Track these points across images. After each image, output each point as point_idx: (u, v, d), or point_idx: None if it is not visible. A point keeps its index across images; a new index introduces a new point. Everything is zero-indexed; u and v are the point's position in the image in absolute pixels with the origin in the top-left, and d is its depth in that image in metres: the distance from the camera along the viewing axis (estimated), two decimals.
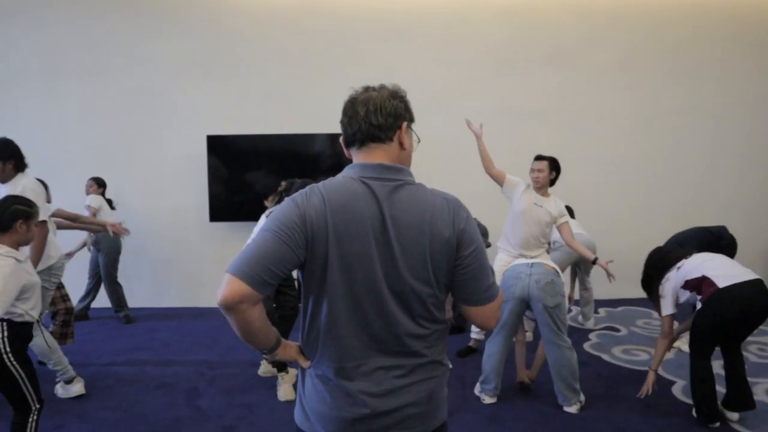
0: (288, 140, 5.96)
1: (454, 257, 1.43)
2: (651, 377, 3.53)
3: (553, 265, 3.70)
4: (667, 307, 3.44)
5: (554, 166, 4.19)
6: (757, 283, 3.20)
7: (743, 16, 6.19)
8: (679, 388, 3.89)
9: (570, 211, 4.31)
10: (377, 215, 1.39)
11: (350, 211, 1.38)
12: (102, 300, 5.86)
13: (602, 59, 6.18)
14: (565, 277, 5.03)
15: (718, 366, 4.19)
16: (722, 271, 3.24)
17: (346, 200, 1.39)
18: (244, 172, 6.01)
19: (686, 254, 3.52)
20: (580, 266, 5.18)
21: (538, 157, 4.24)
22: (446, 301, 1.52)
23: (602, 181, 6.27)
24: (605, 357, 4.52)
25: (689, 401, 3.64)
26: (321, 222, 1.37)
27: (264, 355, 1.60)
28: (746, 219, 6.09)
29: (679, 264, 3.46)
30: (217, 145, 5.96)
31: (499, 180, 4.19)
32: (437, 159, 6.11)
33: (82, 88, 6.17)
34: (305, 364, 1.51)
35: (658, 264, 3.60)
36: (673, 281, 3.43)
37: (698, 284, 3.28)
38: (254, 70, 6.15)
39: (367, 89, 1.52)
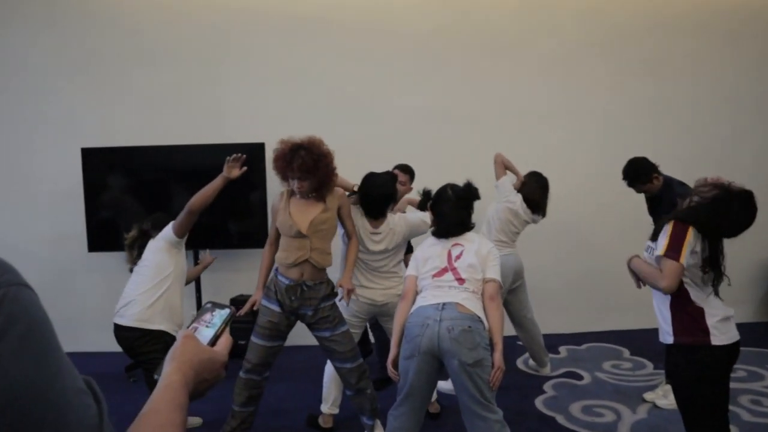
0: (179, 152, 4.87)
1: None
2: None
3: (470, 307, 2.60)
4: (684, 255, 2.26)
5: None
6: None
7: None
8: None
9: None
10: None
11: None
12: None
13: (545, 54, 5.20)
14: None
15: None
16: None
17: None
18: (129, 192, 4.94)
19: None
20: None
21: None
22: None
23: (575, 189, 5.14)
24: (560, 419, 3.48)
25: None
26: None
27: None
28: None
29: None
30: (95, 160, 4.87)
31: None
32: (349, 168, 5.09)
33: None
34: None
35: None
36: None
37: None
38: (138, 70, 5.03)
39: None
